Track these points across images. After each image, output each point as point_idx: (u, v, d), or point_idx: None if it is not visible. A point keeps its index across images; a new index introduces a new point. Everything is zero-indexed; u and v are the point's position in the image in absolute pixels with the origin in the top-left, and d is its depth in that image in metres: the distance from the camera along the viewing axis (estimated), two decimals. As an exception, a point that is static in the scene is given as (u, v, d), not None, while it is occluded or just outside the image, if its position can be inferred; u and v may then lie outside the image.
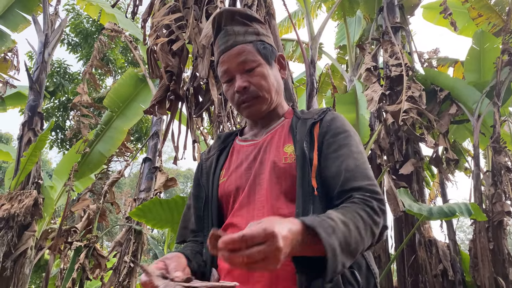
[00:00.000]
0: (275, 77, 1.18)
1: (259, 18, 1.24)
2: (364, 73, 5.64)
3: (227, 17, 1.19)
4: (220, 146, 1.28)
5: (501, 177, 5.09)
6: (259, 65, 1.15)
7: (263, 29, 1.21)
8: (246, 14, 1.21)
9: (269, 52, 1.18)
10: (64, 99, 10.03)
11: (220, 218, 1.18)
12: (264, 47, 1.17)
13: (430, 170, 6.66)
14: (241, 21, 1.19)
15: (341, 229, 0.87)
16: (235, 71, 1.15)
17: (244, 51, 1.14)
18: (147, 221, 6.03)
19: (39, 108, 6.38)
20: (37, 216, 5.71)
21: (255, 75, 1.14)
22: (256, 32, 1.18)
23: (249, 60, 1.14)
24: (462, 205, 4.33)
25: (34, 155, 5.75)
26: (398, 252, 5.07)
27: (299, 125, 1.14)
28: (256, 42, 1.17)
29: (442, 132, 5.53)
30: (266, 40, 1.19)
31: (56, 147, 10.46)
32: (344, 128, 1.12)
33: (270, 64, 1.18)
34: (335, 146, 1.08)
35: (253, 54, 1.15)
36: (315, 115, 1.15)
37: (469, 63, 6.18)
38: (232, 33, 1.17)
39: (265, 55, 1.16)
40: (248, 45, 1.15)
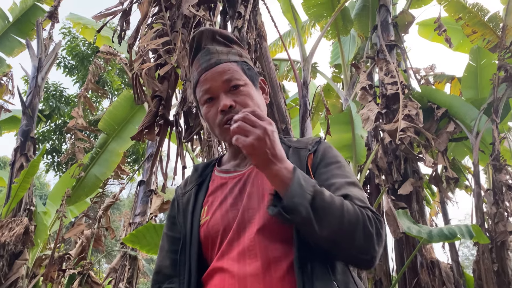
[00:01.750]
0: (260, 99, 1.12)
1: (239, 42, 1.19)
2: (360, 92, 5.58)
3: (208, 37, 1.14)
4: (197, 179, 1.17)
5: (503, 195, 4.96)
6: (245, 84, 1.09)
7: (244, 51, 1.17)
8: (227, 36, 1.16)
9: (254, 74, 1.13)
10: (60, 122, 9.99)
11: (201, 262, 1.06)
12: (249, 68, 1.13)
13: (430, 188, 6.54)
14: (222, 41, 1.14)
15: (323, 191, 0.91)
16: (219, 89, 1.07)
17: (230, 69, 1.08)
18: (141, 247, 5.89)
19: (32, 133, 6.31)
20: (29, 244, 5.57)
21: (241, 94, 1.07)
22: (239, 54, 1.14)
23: (234, 78, 1.07)
24: (463, 227, 4.20)
25: (26, 181, 5.65)
26: (400, 275, 4.91)
27: (290, 155, 1.07)
28: (241, 62, 1.12)
29: (440, 150, 5.43)
30: (248, 62, 1.15)
31: (53, 170, 10.38)
32: (336, 158, 1.08)
33: (255, 86, 1.12)
34: (328, 175, 1.03)
35: (239, 73, 1.09)
36: (309, 145, 1.10)
37: (466, 80, 6.13)
38: (215, 52, 1.11)
39: (250, 76, 1.12)
40: (233, 64, 1.10)
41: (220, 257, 1.01)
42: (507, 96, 5.47)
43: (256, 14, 3.72)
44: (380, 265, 5.14)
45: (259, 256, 0.95)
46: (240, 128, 0.88)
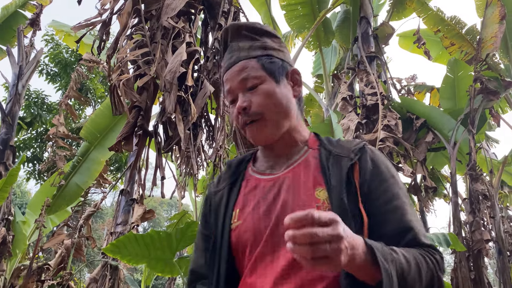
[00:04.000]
0: (283, 95, 1.02)
1: (272, 31, 1.09)
2: (340, 102, 5.66)
3: (233, 33, 1.08)
4: (231, 177, 1.09)
5: (479, 204, 5.07)
6: (263, 81, 1.01)
7: (274, 42, 1.07)
8: (253, 28, 1.08)
9: (276, 67, 1.03)
10: (42, 130, 9.85)
11: (231, 269, 1.00)
12: (271, 62, 1.03)
13: (410, 197, 6.64)
14: (248, 35, 1.07)
15: (401, 261, 0.83)
16: (237, 89, 1.02)
17: (247, 67, 1.02)
18: (122, 257, 5.82)
19: (11, 141, 6.22)
20: (6, 254, 5.46)
21: (257, 93, 1.00)
22: (263, 46, 1.05)
23: (251, 77, 1.00)
24: (441, 235, 4.28)
25: (4, 190, 5.56)
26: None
27: (331, 163, 0.97)
28: (262, 56, 1.03)
29: (419, 160, 5.53)
30: (275, 54, 1.05)
31: (34, 178, 10.20)
32: (390, 172, 0.98)
33: (278, 81, 1.02)
34: (387, 197, 0.93)
35: (256, 69, 1.01)
36: (351, 153, 0.98)
37: (444, 91, 6.27)
38: (236, 49, 1.06)
39: (270, 70, 1.02)
40: (252, 60, 1.03)
41: (252, 271, 0.96)
42: (483, 107, 5.61)
43: (237, 25, 3.76)
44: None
45: (293, 279, 0.90)
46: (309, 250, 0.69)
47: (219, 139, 3.28)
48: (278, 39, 1.09)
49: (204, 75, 3.31)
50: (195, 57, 3.31)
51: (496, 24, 5.70)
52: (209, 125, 3.67)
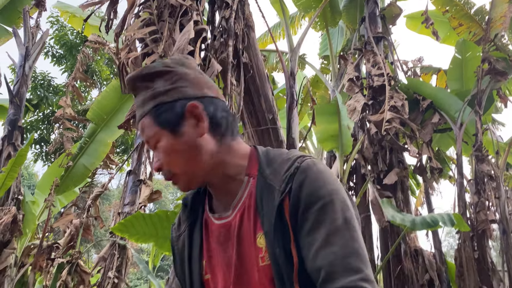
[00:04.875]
0: (184, 144, 0.93)
1: (162, 69, 0.97)
2: (347, 83, 5.64)
3: (131, 87, 1.00)
4: (189, 218, 1.04)
5: (484, 185, 5.09)
6: (159, 139, 0.94)
7: (166, 82, 0.96)
8: (145, 76, 0.98)
9: (167, 116, 0.93)
10: (49, 112, 9.91)
11: None
12: (162, 112, 0.93)
13: (415, 178, 6.66)
14: (143, 86, 0.98)
15: None
16: (149, 147, 0.99)
17: (144, 127, 0.96)
18: (130, 236, 5.92)
19: (20, 122, 6.28)
20: (17, 233, 5.57)
21: (160, 152, 0.95)
22: (153, 95, 0.95)
23: (149, 138, 0.95)
24: (445, 215, 4.32)
25: (13, 170, 5.64)
26: (384, 262, 5.03)
27: (265, 199, 0.89)
28: (153, 109, 0.94)
29: (425, 141, 5.53)
30: (165, 99, 0.94)
31: (41, 160, 10.33)
32: (317, 194, 0.84)
33: (174, 130, 0.93)
34: (308, 226, 0.84)
35: (150, 127, 0.94)
36: (282, 182, 0.87)
37: (451, 72, 6.22)
38: (137, 105, 0.99)
39: (164, 123, 0.93)
40: (146, 117, 0.95)
41: None
42: (491, 88, 5.57)
43: (244, 4, 3.74)
44: (365, 253, 5.25)
45: None
46: None
47: (227, 118, 3.30)
48: (169, 74, 0.97)
49: (211, 54, 3.31)
50: (202, 36, 3.31)
51: (505, 3, 5.62)
52: (216, 105, 3.69)
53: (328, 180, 0.87)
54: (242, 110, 3.67)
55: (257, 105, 3.75)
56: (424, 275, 5.27)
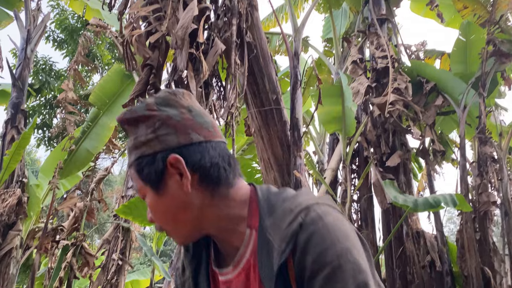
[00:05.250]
0: (168, 203, 0.83)
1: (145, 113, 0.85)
2: (350, 65, 5.62)
3: (123, 129, 0.91)
4: (192, 263, 0.95)
5: (487, 167, 5.10)
6: (145, 193, 0.85)
7: (147, 128, 0.84)
8: (128, 119, 0.86)
9: (150, 171, 0.82)
10: (51, 97, 9.91)
11: None
12: (143, 166, 0.83)
13: (418, 162, 6.67)
14: (129, 130, 0.87)
15: None
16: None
17: (132, 177, 0.88)
18: (133, 218, 5.97)
19: (23, 106, 6.29)
20: (22, 215, 5.63)
21: (148, 207, 0.87)
22: (136, 145, 0.84)
23: (137, 189, 0.88)
24: (448, 196, 4.33)
25: (17, 153, 5.66)
26: (386, 244, 5.07)
27: (265, 256, 0.78)
28: (135, 162, 0.84)
29: (428, 123, 5.53)
30: (146, 151, 0.83)
31: (44, 145, 10.36)
32: (324, 259, 0.71)
33: (157, 188, 0.83)
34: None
35: (136, 180, 0.86)
36: (282, 240, 0.75)
37: (455, 55, 6.17)
38: (127, 151, 0.90)
39: (145, 179, 0.83)
40: (131, 169, 0.86)
41: None
42: (495, 70, 5.54)
43: (247, -17, 3.71)
44: (367, 234, 5.29)
45: None
46: None
47: (231, 98, 3.30)
48: (152, 120, 0.84)
49: (215, 33, 3.30)
50: (206, 15, 3.29)
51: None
52: (220, 86, 3.68)
53: (336, 237, 0.73)
54: (245, 91, 3.67)
55: (260, 85, 3.75)
56: (425, 256, 5.32)
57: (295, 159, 3.61)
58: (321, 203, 0.79)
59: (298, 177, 3.57)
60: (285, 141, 3.68)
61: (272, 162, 3.68)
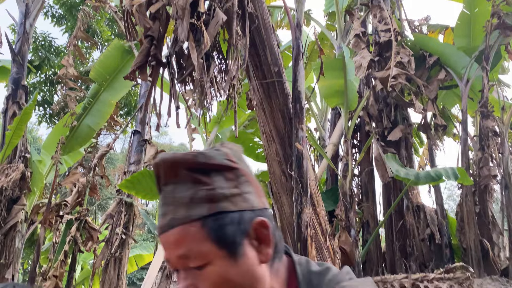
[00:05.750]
0: (244, 274, 0.69)
1: (224, 163, 0.71)
2: (353, 39, 5.56)
3: (167, 172, 0.71)
4: None
5: (488, 141, 5.10)
6: (211, 261, 0.67)
7: (228, 182, 0.70)
8: (196, 163, 0.70)
9: (231, 232, 0.68)
10: (51, 73, 9.85)
11: None
12: (223, 225, 0.68)
13: (419, 137, 6.68)
14: (189, 176, 0.70)
15: None
16: (177, 265, 0.70)
17: (186, 238, 0.67)
18: (136, 192, 6.04)
19: (23, 81, 6.26)
20: (25, 189, 5.68)
21: (204, 279, 0.68)
22: (211, 197, 0.68)
23: (192, 255, 0.67)
24: (449, 169, 4.36)
25: (19, 128, 5.67)
26: (386, 217, 5.13)
27: None
28: (208, 218, 0.67)
29: (430, 98, 5.50)
30: (229, 207, 0.69)
31: (45, 122, 10.36)
32: None
33: (235, 253, 0.68)
34: None
35: (200, 242, 0.67)
36: None
37: (459, 28, 6.09)
38: (171, 202, 0.70)
39: (222, 241, 0.68)
40: (193, 224, 0.67)
41: None
42: (499, 43, 5.48)
43: (248, -48, 3.64)
44: (367, 207, 5.35)
45: None
46: None
47: (233, 69, 3.28)
48: (234, 172, 0.72)
49: (216, 3, 3.25)
50: (207, -16, 3.24)
51: (518, -45, 5.43)
52: (221, 58, 3.65)
53: None
54: (247, 63, 3.64)
55: (262, 57, 3.72)
56: (425, 229, 5.39)
57: (297, 131, 3.61)
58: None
59: (299, 150, 3.57)
60: (287, 113, 3.67)
61: (274, 135, 3.68)
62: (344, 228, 4.35)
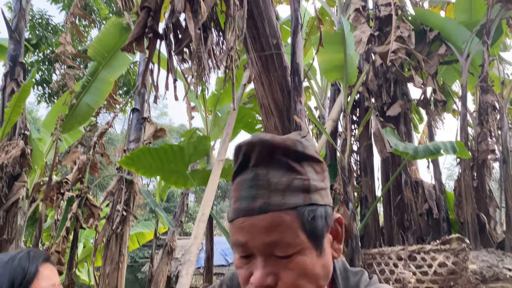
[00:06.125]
0: (324, 268, 0.70)
1: (314, 155, 0.71)
2: (353, 13, 5.50)
3: (262, 154, 0.68)
4: None
5: (487, 116, 5.10)
6: (300, 251, 0.67)
7: (318, 174, 0.71)
8: (294, 151, 0.69)
9: (320, 226, 0.68)
10: (49, 52, 9.77)
11: None
12: (315, 217, 0.67)
13: (419, 113, 6.66)
14: (284, 162, 0.68)
15: None
16: (258, 250, 0.68)
17: (280, 225, 0.66)
18: (136, 169, 6.07)
19: (21, 58, 6.22)
20: (26, 167, 5.71)
21: (290, 267, 0.67)
22: (306, 187, 0.68)
23: (284, 243, 0.66)
24: (448, 143, 4.37)
25: (18, 105, 5.67)
26: (384, 191, 5.17)
27: None
28: (303, 208, 0.67)
29: (430, 73, 5.47)
30: (318, 200, 0.69)
31: (44, 102, 10.33)
32: None
33: (320, 247, 0.69)
34: None
35: (294, 232, 0.66)
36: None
37: (460, 2, 6.01)
38: (265, 185, 0.67)
39: (314, 235, 0.67)
40: (288, 213, 0.66)
41: None
42: (500, 17, 5.42)
43: None
44: (366, 182, 5.38)
45: None
46: None
47: (230, 40, 3.25)
48: (321, 166, 0.72)
49: (213, -27, 3.21)
50: (204, -47, 3.19)
51: None
52: (218, 30, 3.62)
53: None
54: (245, 35, 3.61)
55: (261, 29, 3.68)
56: (423, 204, 5.43)
57: (296, 104, 3.60)
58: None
59: (298, 123, 3.58)
60: (285, 86, 3.66)
61: (273, 108, 3.68)
62: (343, 202, 4.39)
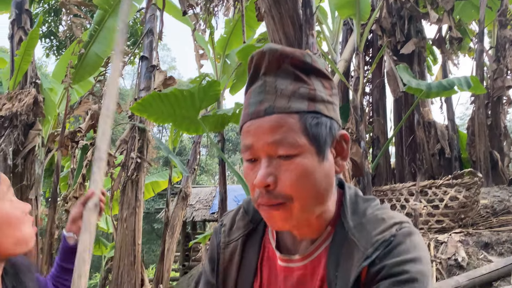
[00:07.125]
0: (325, 176, 0.72)
1: (324, 70, 0.75)
2: None
3: (271, 63, 0.73)
4: (247, 225, 0.88)
5: (505, 51, 4.96)
6: (301, 153, 0.70)
7: (326, 89, 0.75)
8: (302, 62, 0.73)
9: (324, 134, 0.72)
10: (54, 3, 9.60)
11: None
12: (318, 124, 0.71)
13: (433, 54, 6.50)
14: (291, 71, 0.73)
15: None
16: (262, 151, 0.72)
17: (283, 126, 0.70)
18: (148, 115, 6.09)
19: (26, 5, 6.12)
20: (40, 115, 5.77)
21: (290, 168, 0.70)
22: (311, 96, 0.72)
23: (286, 143, 0.69)
24: (462, 78, 4.28)
25: (27, 53, 5.64)
26: (396, 131, 5.15)
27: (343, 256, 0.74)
28: (306, 114, 0.71)
29: (446, 9, 5.27)
30: (324, 111, 0.72)
31: (53, 54, 10.29)
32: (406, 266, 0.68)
33: (322, 154, 0.72)
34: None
35: (296, 133, 0.70)
36: (370, 245, 0.71)
37: None
38: (272, 91, 0.72)
39: (315, 139, 0.71)
40: (292, 116, 0.70)
41: None
42: None
43: None
44: (378, 123, 5.36)
45: None
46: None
47: (239, -30, 3.15)
48: (330, 83, 0.76)
49: None
50: None
51: None
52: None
53: (421, 257, 0.70)
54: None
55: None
56: (435, 145, 5.42)
57: (307, 38, 3.53)
58: (410, 222, 0.76)
59: (310, 57, 3.51)
60: (296, 20, 3.57)
61: (284, 42, 3.61)
62: (355, 141, 4.40)
